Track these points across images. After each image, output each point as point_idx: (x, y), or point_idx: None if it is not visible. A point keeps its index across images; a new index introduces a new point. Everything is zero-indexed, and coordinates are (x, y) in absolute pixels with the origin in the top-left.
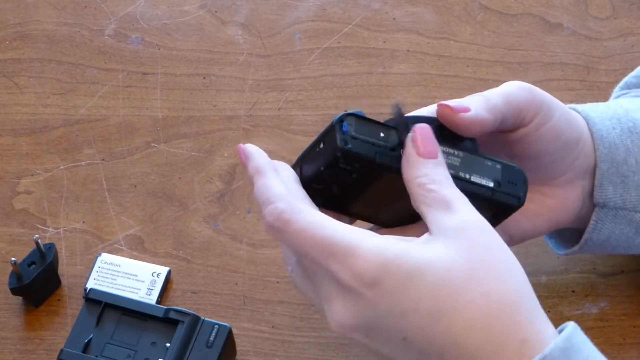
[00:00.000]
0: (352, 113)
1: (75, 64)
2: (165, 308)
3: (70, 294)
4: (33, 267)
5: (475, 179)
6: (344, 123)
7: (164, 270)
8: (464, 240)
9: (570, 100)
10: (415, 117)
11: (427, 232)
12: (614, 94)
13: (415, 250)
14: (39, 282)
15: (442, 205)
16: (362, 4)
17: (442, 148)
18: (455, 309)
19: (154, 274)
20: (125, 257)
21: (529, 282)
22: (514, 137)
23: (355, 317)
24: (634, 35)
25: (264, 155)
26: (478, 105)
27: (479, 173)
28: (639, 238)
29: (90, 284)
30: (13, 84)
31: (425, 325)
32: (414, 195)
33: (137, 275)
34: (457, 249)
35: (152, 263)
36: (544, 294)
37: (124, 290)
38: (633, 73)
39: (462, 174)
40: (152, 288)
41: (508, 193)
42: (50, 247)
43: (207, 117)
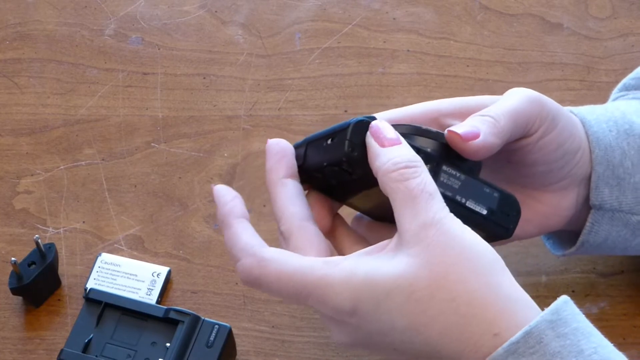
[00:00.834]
0: (366, 120)
1: (75, 64)
2: (166, 308)
3: (70, 294)
4: (33, 267)
5: (470, 205)
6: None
7: (164, 270)
8: (423, 246)
9: (571, 100)
10: (425, 130)
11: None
12: (612, 96)
13: (381, 269)
14: (39, 282)
15: (407, 198)
16: (362, 4)
17: (444, 168)
18: (426, 324)
19: (154, 274)
20: (126, 257)
21: (513, 272)
22: (514, 146)
23: (349, 338)
24: (634, 35)
25: (230, 200)
26: (487, 130)
27: (475, 199)
28: (636, 240)
29: (90, 284)
30: (13, 84)
31: (406, 340)
32: (383, 185)
33: (137, 275)
34: (418, 258)
35: (152, 263)
36: (544, 294)
37: (124, 290)
38: (631, 75)
39: (458, 198)
40: (152, 288)
41: (499, 223)
42: (50, 247)
43: (207, 117)
